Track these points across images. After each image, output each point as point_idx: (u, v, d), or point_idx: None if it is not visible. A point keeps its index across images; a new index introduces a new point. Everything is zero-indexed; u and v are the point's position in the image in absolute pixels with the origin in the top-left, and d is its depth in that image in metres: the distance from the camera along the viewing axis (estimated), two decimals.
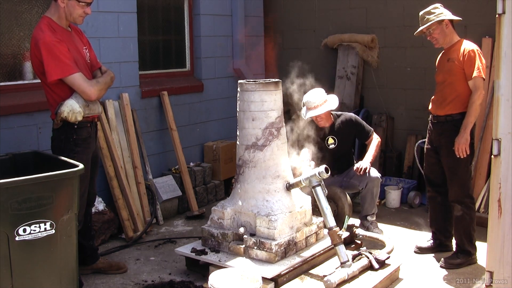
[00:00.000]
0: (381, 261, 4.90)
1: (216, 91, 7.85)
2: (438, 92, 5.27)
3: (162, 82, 7.18)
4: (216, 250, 5.04)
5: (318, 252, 5.07)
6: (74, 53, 4.46)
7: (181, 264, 5.32)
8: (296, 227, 5.02)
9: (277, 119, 5.02)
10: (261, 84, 4.97)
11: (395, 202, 7.16)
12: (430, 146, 5.42)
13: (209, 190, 7.44)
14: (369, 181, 5.97)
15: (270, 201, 4.95)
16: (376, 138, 6.17)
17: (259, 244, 4.80)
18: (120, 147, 6.33)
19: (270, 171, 5.00)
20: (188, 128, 7.44)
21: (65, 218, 3.69)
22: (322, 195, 4.80)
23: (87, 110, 4.46)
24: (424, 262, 5.44)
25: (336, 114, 6.25)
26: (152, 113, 6.94)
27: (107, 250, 5.77)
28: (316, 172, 4.78)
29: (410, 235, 6.12)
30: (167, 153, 7.10)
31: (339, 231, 4.76)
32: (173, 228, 6.53)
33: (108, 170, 6.11)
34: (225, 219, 5.08)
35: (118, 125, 6.36)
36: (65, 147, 4.40)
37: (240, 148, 5.10)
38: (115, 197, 6.13)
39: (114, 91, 6.34)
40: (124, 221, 6.11)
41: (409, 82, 7.62)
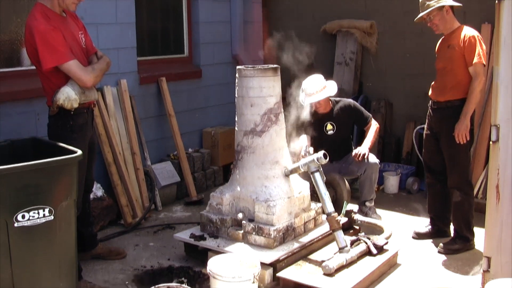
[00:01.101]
0: (379, 246, 4.91)
1: (215, 77, 7.82)
2: (439, 79, 5.26)
3: (160, 68, 7.16)
4: (214, 235, 5.05)
5: (316, 237, 5.08)
6: (69, 39, 4.43)
7: (180, 250, 5.33)
8: (295, 213, 5.03)
9: (275, 105, 5.02)
10: (259, 70, 4.96)
11: (394, 188, 7.16)
12: (429, 132, 5.42)
13: (207, 176, 7.44)
14: (368, 167, 5.97)
15: (269, 187, 4.96)
16: (375, 124, 6.16)
17: (257, 229, 4.81)
18: (119, 134, 6.32)
19: (268, 157, 5.00)
20: (187, 114, 7.42)
21: (64, 204, 3.69)
22: (321, 181, 4.81)
23: (83, 97, 4.44)
24: (422, 247, 5.45)
25: (335, 100, 6.24)
26: (150, 100, 6.92)
27: (106, 236, 5.77)
28: (314, 158, 4.78)
29: (409, 221, 6.13)
30: (165, 139, 7.09)
31: (338, 217, 4.77)
32: (172, 214, 6.54)
33: (107, 156, 6.11)
34: (223, 205, 5.09)
35: (116, 112, 6.34)
36: (62, 134, 4.39)
37: (239, 134, 5.10)
38: (114, 184, 6.13)
39: (112, 78, 6.32)
40: (123, 207, 6.11)
41: (408, 69, 7.61)
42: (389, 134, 7.81)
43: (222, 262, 4.32)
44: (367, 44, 7.83)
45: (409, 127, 7.57)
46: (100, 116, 6.09)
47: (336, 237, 4.77)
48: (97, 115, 6.00)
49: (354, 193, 6.41)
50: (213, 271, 4.11)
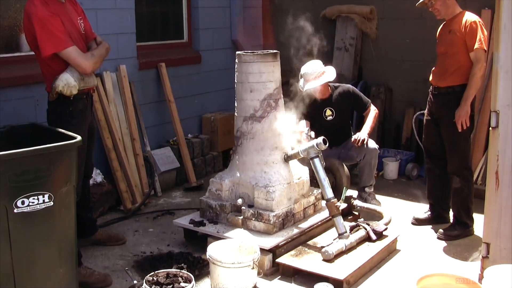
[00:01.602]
0: (378, 232, 4.93)
1: (214, 62, 7.80)
2: (439, 64, 5.25)
3: (159, 53, 7.14)
4: (214, 221, 5.06)
5: (316, 223, 5.09)
6: (68, 25, 4.40)
7: (180, 236, 5.34)
8: (294, 199, 5.03)
9: (275, 90, 5.01)
10: (259, 55, 4.95)
11: (393, 174, 7.17)
12: (430, 117, 5.41)
13: (207, 162, 7.45)
14: (367, 153, 5.97)
15: (268, 173, 4.96)
16: (374, 110, 6.16)
17: (257, 215, 4.82)
18: (118, 119, 6.31)
19: (268, 143, 5.01)
20: (186, 99, 7.41)
21: (63, 190, 3.68)
22: (320, 167, 4.81)
23: (82, 83, 4.43)
24: (421, 233, 5.47)
25: (334, 85, 6.23)
26: (149, 85, 6.91)
27: (106, 222, 5.79)
28: (314, 144, 4.78)
29: (408, 207, 6.15)
30: (165, 125, 7.09)
31: (337, 203, 4.77)
32: (172, 200, 6.54)
33: (106, 142, 6.11)
34: (223, 190, 5.09)
35: (116, 97, 6.33)
36: (61, 120, 4.38)
37: (238, 119, 5.10)
38: (113, 169, 6.13)
39: (112, 63, 6.30)
40: (123, 193, 6.12)
41: (408, 54, 7.58)
42: (388, 120, 7.81)
43: (221, 248, 4.33)
44: (367, 30, 7.80)
45: (409, 113, 7.56)
46: (100, 102, 6.07)
47: (335, 223, 4.77)
48: (97, 101, 5.99)
49: (354, 179, 6.42)
50: (213, 257, 4.13)
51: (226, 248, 4.36)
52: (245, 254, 4.32)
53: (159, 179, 6.69)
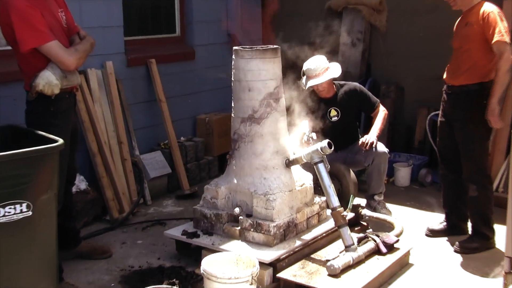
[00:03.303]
0: (389, 244, 4.90)
1: (209, 58, 7.80)
2: (453, 60, 5.23)
3: (149, 49, 7.13)
4: (209, 232, 5.05)
5: (320, 234, 5.08)
6: (48, 18, 4.39)
7: (171, 248, 5.32)
8: (297, 207, 5.02)
9: (275, 89, 5.00)
10: (258, 51, 4.94)
11: (405, 180, 7.16)
12: (443, 118, 5.40)
13: (201, 167, 7.44)
14: (376, 157, 5.96)
15: (268, 179, 4.95)
16: (383, 110, 6.15)
17: (256, 225, 4.80)
18: (104, 121, 6.30)
19: (268, 146, 4.99)
20: (179, 99, 7.41)
21: (44, 198, 3.67)
22: (325, 172, 4.79)
23: (65, 81, 4.42)
24: (436, 246, 5.45)
25: (339, 83, 6.22)
26: (139, 83, 6.90)
27: (90, 232, 5.77)
28: (318, 147, 4.76)
29: (421, 217, 6.13)
30: (155, 126, 7.08)
31: (343, 212, 4.75)
32: (162, 209, 6.53)
33: (91, 145, 6.09)
34: (219, 198, 5.08)
35: (101, 97, 6.32)
36: (42, 121, 4.37)
37: (236, 121, 5.09)
38: (99, 175, 6.12)
39: (97, 59, 6.28)
40: (109, 201, 6.10)
41: (421, 49, 7.57)
42: (399, 121, 7.80)
43: (217, 262, 4.31)
44: (376, 22, 7.80)
45: (422, 114, 7.55)
46: (84, 102, 6.06)
47: (341, 234, 4.75)
48: (80, 100, 5.97)
49: (361, 186, 6.40)
50: (207, 271, 4.11)
51: (222, 262, 4.34)
52: (243, 268, 4.30)
53: (149, 186, 6.68)
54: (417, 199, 6.64)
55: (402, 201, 6.58)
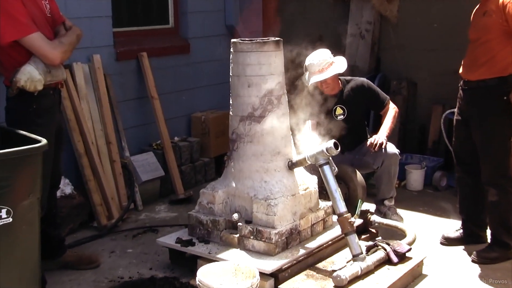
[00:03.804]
0: (401, 253, 4.90)
1: (205, 52, 7.80)
2: (470, 53, 5.21)
3: (141, 41, 7.14)
4: (205, 240, 5.04)
5: (325, 242, 5.08)
6: (30, 7, 4.38)
7: (164, 257, 5.32)
8: (300, 213, 5.02)
9: (277, 85, 4.99)
10: (258, 43, 4.93)
11: (418, 184, 7.16)
12: (460, 117, 5.39)
13: (197, 169, 7.44)
14: (386, 159, 5.95)
15: (269, 182, 4.95)
16: (393, 108, 6.14)
17: (256, 233, 4.79)
18: (91, 119, 6.30)
19: (269, 147, 4.99)
20: (172, 96, 7.41)
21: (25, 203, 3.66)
22: (331, 176, 4.78)
23: (48, 77, 4.41)
24: (452, 255, 5.44)
25: (345, 79, 6.22)
26: (129, 79, 6.91)
27: (76, 240, 5.77)
28: (323, 148, 4.75)
29: (436, 223, 6.13)
30: (147, 125, 7.09)
31: (351, 218, 4.74)
32: (155, 215, 6.54)
33: (77, 146, 6.09)
34: (216, 203, 5.08)
35: (88, 93, 6.32)
36: (24, 119, 4.36)
37: (234, 119, 5.08)
38: (86, 178, 6.11)
39: (84, 52, 6.28)
40: (96, 206, 6.10)
41: (435, 41, 7.57)
42: (411, 120, 7.80)
43: (214, 272, 4.31)
44: (387, 12, 7.80)
45: (436, 111, 7.55)
46: (69, 98, 6.06)
47: (349, 242, 4.74)
48: (66, 97, 5.97)
49: (370, 190, 6.40)
50: (203, 283, 4.10)
51: (220, 272, 4.34)
52: (241, 279, 4.30)
53: (140, 190, 6.68)
54: (431, 205, 6.64)
55: (414, 206, 6.58)
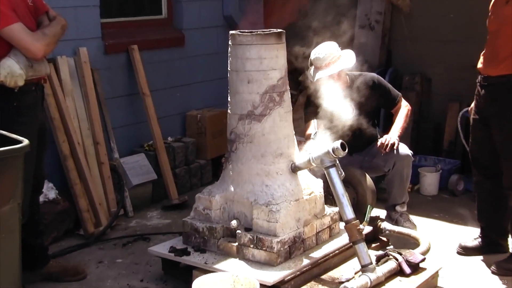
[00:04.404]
0: (414, 264, 4.90)
1: (202, 45, 7.81)
2: (490, 45, 5.21)
3: (131, 33, 7.14)
4: (201, 249, 5.04)
5: (332, 251, 5.08)
6: None
7: (157, 268, 5.33)
8: (304, 220, 5.02)
9: (279, 81, 4.99)
10: (259, 35, 4.93)
11: (432, 188, 7.17)
12: (478, 116, 5.39)
13: (192, 172, 7.46)
14: (398, 161, 5.96)
15: (271, 186, 4.95)
16: (406, 106, 6.15)
17: (256, 241, 4.80)
18: (77, 118, 6.31)
19: (270, 148, 4.99)
20: (166, 92, 7.42)
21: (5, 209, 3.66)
22: (337, 179, 4.78)
23: (30, 71, 4.42)
24: (470, 266, 5.44)
25: (354, 74, 6.22)
26: (118, 73, 6.92)
27: (61, 250, 5.77)
28: (329, 149, 4.75)
29: (452, 231, 6.14)
30: (138, 125, 7.10)
31: (359, 225, 4.75)
32: (146, 222, 6.55)
33: (62, 147, 6.09)
34: (213, 209, 5.08)
35: (74, 89, 6.32)
36: (4, 118, 4.36)
37: (233, 118, 5.09)
38: (71, 182, 6.12)
39: (69, 45, 6.28)
40: (83, 212, 6.10)
41: (452, 33, 7.58)
42: (426, 119, 7.81)
43: (210, 284, 4.31)
44: (398, 2, 7.80)
45: (452, 109, 7.56)
46: (53, 95, 6.07)
47: (357, 252, 4.74)
48: (49, 93, 5.98)
49: (381, 195, 6.41)
50: None
51: (217, 284, 4.34)
52: None
53: (130, 194, 6.69)
54: (447, 211, 6.65)
55: (429, 212, 6.59)
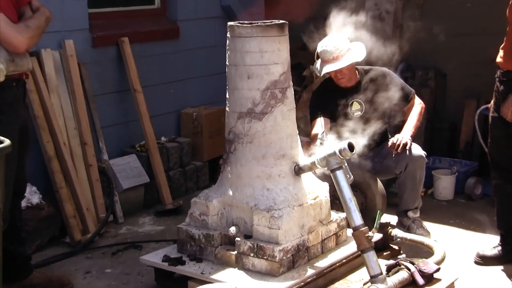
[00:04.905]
0: (427, 274, 4.88)
1: (198, 37, 7.83)
2: (509, 38, 5.21)
3: (121, 24, 7.15)
4: (197, 258, 5.04)
5: (339, 261, 5.08)
6: None
7: (149, 278, 5.32)
8: (309, 227, 5.02)
9: (282, 76, 4.99)
10: (260, 27, 4.93)
11: (447, 192, 7.17)
12: (497, 114, 5.38)
13: (187, 175, 7.47)
14: (410, 162, 5.95)
15: (273, 190, 4.95)
16: (419, 103, 6.16)
17: (257, 249, 4.79)
18: (63, 116, 6.31)
19: (272, 149, 4.99)
20: (159, 88, 7.43)
21: None
22: (345, 182, 4.77)
23: (11, 66, 4.41)
24: (489, 276, 5.44)
25: (364, 69, 6.22)
26: (108, 68, 6.92)
27: (45, 259, 5.77)
28: (336, 150, 4.74)
29: (469, 239, 6.14)
30: (129, 123, 7.11)
31: (368, 232, 4.74)
32: (138, 228, 6.56)
33: (46, 147, 6.09)
34: (210, 215, 5.08)
35: (59, 85, 6.33)
36: None
37: (231, 116, 5.08)
38: (56, 186, 6.12)
39: (54, 37, 6.29)
40: (69, 218, 6.10)
41: (468, 24, 7.57)
42: (440, 117, 7.80)
43: None
44: None
45: (469, 107, 7.56)
46: (37, 91, 6.07)
47: (366, 261, 4.73)
48: (32, 89, 5.99)
49: (392, 199, 6.40)
50: None
51: None
52: None
53: (121, 199, 6.69)
54: (464, 216, 6.65)
55: (443, 218, 6.59)
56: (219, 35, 7.77)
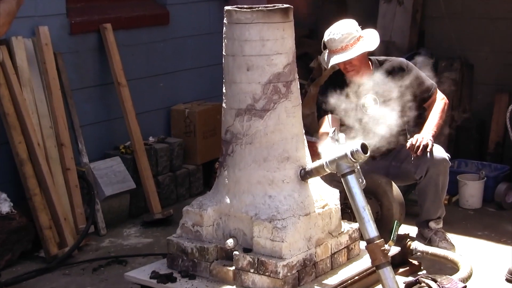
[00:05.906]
0: None
1: (190, 23, 7.84)
2: None
3: (103, 8, 7.16)
4: (190, 274, 5.05)
5: (350, 278, 5.08)
6: None
7: None
8: (316, 239, 5.04)
9: (286, 68, 5.01)
10: (261, 12, 4.93)
11: (475, 200, 7.18)
12: None
13: (179, 180, 7.49)
14: (431, 166, 5.98)
15: (276, 198, 4.97)
16: (442, 99, 6.18)
17: (257, 265, 4.82)
18: (37, 113, 6.33)
19: (275, 150, 5.01)
20: (146, 82, 7.45)
21: None
22: (358, 189, 4.80)
23: None
24: None
25: (378, 60, 6.23)
26: (88, 59, 6.94)
27: (16, 276, 5.79)
28: (347, 152, 4.77)
29: (499, 253, 6.15)
30: (112, 122, 7.13)
31: (385, 245, 4.78)
32: (122, 241, 6.58)
33: (17, 149, 6.11)
34: (204, 225, 5.10)
35: (33, 78, 6.35)
36: None
37: (228, 114, 5.10)
38: (29, 193, 6.13)
39: (26, 23, 6.31)
40: (44, 230, 6.11)
41: (499, 8, 7.58)
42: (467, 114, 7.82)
43: None
44: None
45: (500, 103, 7.56)
46: (7, 85, 6.08)
47: (382, 278, 4.77)
48: (2, 83, 6.01)
49: (411, 208, 6.43)
50: None
51: None
52: None
53: (103, 208, 6.71)
54: (493, 227, 6.67)
55: (470, 230, 6.61)
56: (215, 21, 7.80)
